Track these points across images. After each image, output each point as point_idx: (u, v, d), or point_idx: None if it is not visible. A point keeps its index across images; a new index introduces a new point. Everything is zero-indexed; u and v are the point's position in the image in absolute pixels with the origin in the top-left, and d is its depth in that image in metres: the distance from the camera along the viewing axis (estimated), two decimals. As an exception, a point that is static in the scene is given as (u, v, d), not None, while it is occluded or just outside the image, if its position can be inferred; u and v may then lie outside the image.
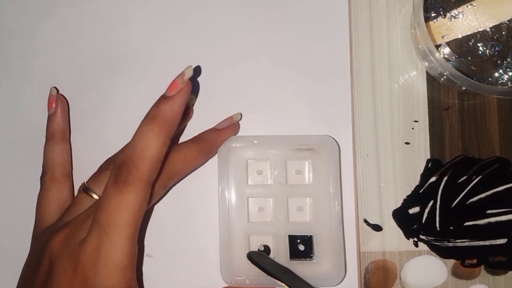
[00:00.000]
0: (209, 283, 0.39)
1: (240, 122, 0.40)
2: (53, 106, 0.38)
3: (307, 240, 0.38)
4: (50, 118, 0.38)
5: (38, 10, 0.41)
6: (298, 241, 0.38)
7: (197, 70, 0.41)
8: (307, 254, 0.38)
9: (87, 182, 0.36)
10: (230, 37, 0.41)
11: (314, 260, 0.38)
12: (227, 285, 0.38)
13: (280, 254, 0.38)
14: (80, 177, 0.39)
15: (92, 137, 0.40)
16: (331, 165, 0.38)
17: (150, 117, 0.31)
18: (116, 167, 0.31)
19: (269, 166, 0.39)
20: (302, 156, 0.39)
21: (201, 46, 0.41)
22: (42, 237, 0.35)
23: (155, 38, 0.41)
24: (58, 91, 0.40)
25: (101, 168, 0.36)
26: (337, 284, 0.38)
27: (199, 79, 0.41)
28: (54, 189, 0.37)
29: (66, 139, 0.39)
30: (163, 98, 0.32)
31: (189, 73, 0.32)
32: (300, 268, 0.38)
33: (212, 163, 0.39)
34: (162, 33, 0.41)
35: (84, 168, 0.39)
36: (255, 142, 0.39)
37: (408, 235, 0.39)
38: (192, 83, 0.32)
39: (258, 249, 0.38)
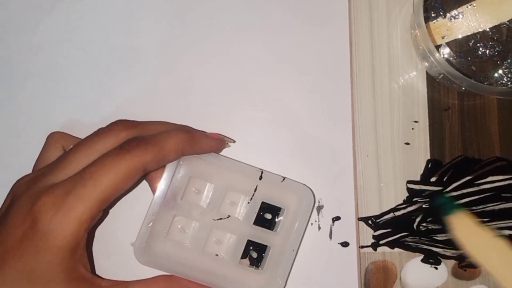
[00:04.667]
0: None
1: (240, 122, 0.40)
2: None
3: None
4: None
5: (41, 5, 0.41)
6: None
7: (197, 68, 0.41)
8: None
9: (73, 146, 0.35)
10: (230, 36, 0.41)
11: None
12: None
13: None
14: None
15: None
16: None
17: (184, 128, 0.35)
18: (130, 139, 0.32)
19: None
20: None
21: (202, 44, 0.41)
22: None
23: (158, 34, 0.41)
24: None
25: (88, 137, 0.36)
26: None
27: (199, 76, 0.41)
28: (52, 152, 0.37)
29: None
30: (203, 132, 0.36)
31: (228, 144, 0.38)
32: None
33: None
34: (165, 29, 0.41)
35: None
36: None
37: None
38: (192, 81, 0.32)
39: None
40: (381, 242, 0.39)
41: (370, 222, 0.39)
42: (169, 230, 0.36)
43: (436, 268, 0.39)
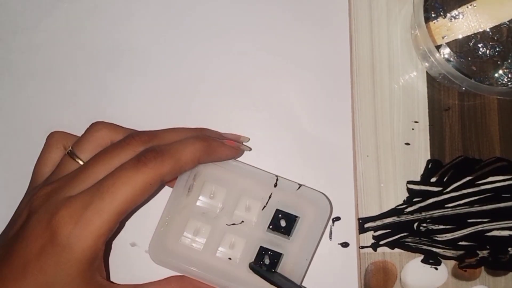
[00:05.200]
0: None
1: (240, 121, 0.40)
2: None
3: None
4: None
5: (41, 4, 0.41)
6: None
7: (197, 68, 0.41)
8: None
9: (72, 146, 0.35)
10: (230, 36, 0.41)
11: None
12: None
13: None
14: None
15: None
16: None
17: (200, 135, 0.35)
18: (146, 150, 0.32)
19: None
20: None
21: (203, 43, 0.41)
22: (30, 193, 0.35)
23: (158, 34, 0.41)
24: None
25: (88, 134, 0.36)
26: None
27: (199, 76, 0.41)
28: (54, 152, 0.37)
29: None
30: (220, 140, 0.36)
31: (245, 149, 0.38)
32: None
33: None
34: (164, 29, 0.41)
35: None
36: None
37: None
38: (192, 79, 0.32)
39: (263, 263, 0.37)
40: (381, 242, 0.39)
41: (369, 227, 0.39)
42: (183, 232, 0.36)
43: (436, 269, 0.39)
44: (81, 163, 0.34)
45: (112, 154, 0.33)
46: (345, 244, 0.40)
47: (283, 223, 0.36)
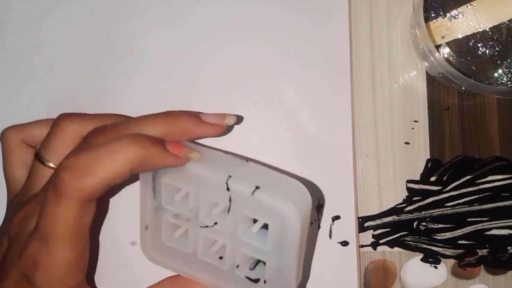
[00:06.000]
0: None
1: (239, 121, 0.40)
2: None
3: None
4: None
5: (41, 4, 0.41)
6: None
7: (197, 68, 0.41)
8: None
9: (40, 149, 0.33)
10: (230, 36, 0.41)
11: None
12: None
13: None
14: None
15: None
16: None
17: (138, 137, 0.29)
18: (60, 169, 0.28)
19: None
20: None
21: (202, 44, 0.41)
22: (10, 209, 0.33)
23: (158, 34, 0.41)
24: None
25: (55, 133, 0.33)
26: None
27: (199, 76, 0.41)
28: (17, 153, 0.34)
29: None
30: (164, 147, 0.29)
31: (194, 157, 0.30)
32: None
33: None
34: (165, 29, 0.41)
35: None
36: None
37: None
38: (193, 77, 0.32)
39: None
40: (380, 241, 0.39)
41: (368, 226, 0.39)
42: (163, 234, 0.34)
43: (436, 267, 0.39)
44: (54, 166, 0.32)
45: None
46: (344, 243, 0.40)
47: (254, 229, 0.31)
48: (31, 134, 0.34)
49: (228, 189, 0.30)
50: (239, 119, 0.39)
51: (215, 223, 0.32)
